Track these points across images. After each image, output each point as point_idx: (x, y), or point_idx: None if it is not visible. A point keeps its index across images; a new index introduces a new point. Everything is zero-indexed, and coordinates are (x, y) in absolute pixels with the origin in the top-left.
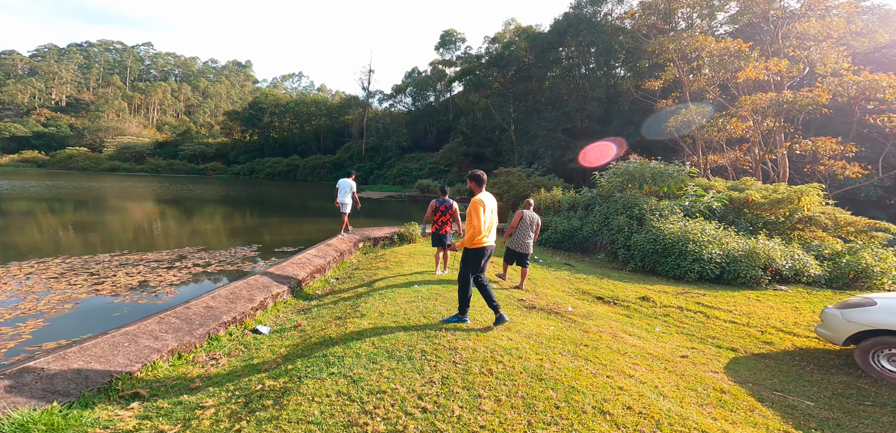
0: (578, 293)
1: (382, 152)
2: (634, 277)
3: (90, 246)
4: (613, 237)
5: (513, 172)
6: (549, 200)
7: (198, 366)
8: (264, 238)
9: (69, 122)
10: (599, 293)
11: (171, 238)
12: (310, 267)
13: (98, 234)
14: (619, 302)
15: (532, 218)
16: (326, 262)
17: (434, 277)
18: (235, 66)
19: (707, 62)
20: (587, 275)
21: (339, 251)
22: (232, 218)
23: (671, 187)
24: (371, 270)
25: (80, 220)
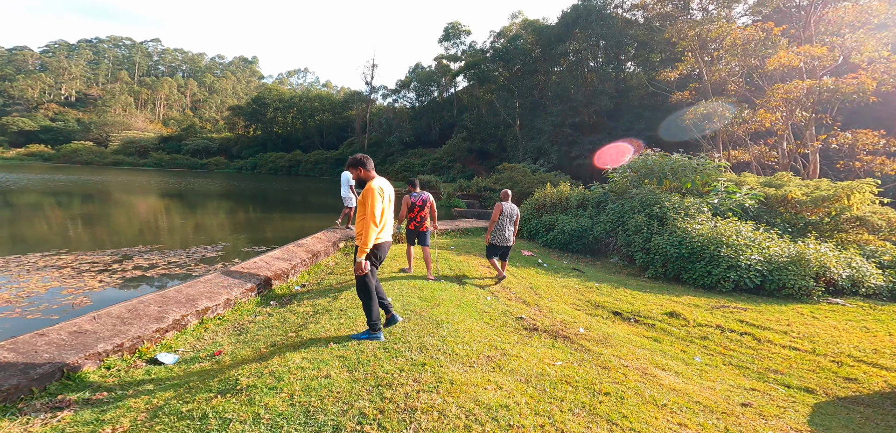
0: (590, 306)
1: (385, 148)
2: (655, 286)
3: (27, 243)
4: (630, 239)
5: (517, 168)
6: (556, 197)
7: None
8: (244, 235)
9: (77, 116)
10: (616, 307)
11: (133, 235)
12: (267, 272)
13: (50, 231)
14: (641, 319)
15: (512, 210)
16: (291, 266)
17: (420, 283)
18: (242, 62)
19: (729, 50)
20: (600, 284)
21: (311, 252)
22: (219, 213)
23: (696, 183)
24: (345, 275)
25: (44, 215)
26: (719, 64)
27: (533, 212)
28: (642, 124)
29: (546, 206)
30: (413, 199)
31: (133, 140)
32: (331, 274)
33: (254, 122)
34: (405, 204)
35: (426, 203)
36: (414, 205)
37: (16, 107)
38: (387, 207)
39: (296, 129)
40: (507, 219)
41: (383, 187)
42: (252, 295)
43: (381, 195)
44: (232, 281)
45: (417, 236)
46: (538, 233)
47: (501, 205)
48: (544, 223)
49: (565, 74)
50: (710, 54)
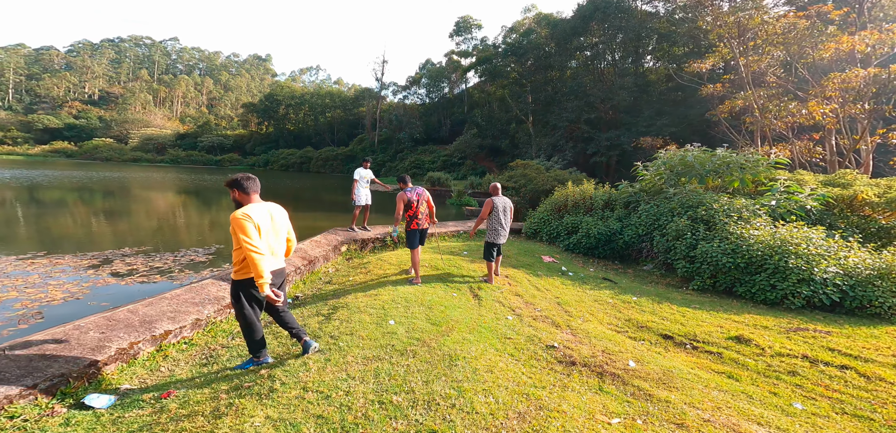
0: (633, 327)
1: (395, 144)
2: (704, 300)
3: (4, 244)
4: (669, 245)
5: (531, 165)
6: (579, 196)
7: None
8: None
9: (99, 114)
10: (664, 328)
11: (122, 235)
12: None
13: (35, 230)
14: (700, 345)
15: (505, 204)
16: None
17: (429, 298)
18: (256, 60)
19: (770, 39)
20: (638, 298)
21: (307, 258)
22: (222, 212)
23: (745, 182)
24: (342, 287)
25: (37, 213)
26: (757, 53)
27: (553, 212)
28: (664, 120)
29: (568, 207)
30: (408, 194)
31: (151, 137)
32: (328, 282)
33: (266, 119)
34: (401, 201)
35: (423, 198)
36: (410, 202)
37: (42, 105)
38: (271, 233)
39: (307, 125)
40: (501, 213)
41: (254, 213)
42: (231, 312)
43: (250, 223)
44: (207, 294)
45: (419, 236)
46: (559, 237)
47: (492, 200)
48: (566, 225)
49: (581, 69)
50: (746, 44)
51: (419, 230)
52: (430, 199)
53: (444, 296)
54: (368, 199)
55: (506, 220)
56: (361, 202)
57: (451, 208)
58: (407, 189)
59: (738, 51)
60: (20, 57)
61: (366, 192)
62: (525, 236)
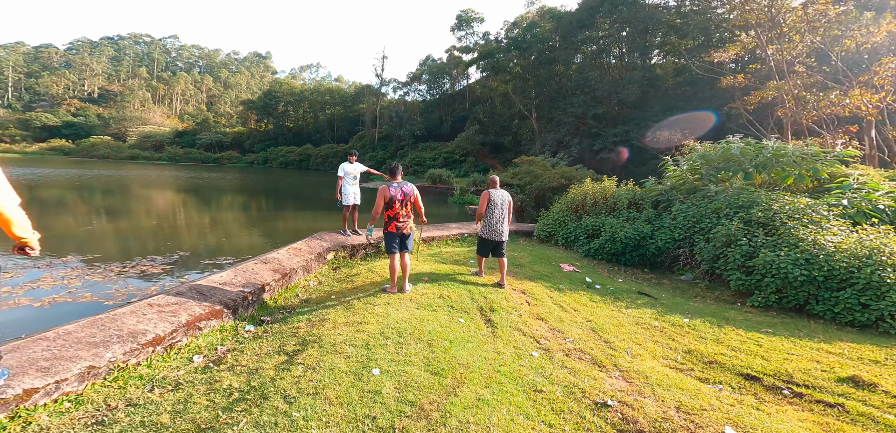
0: (698, 362)
1: (396, 141)
2: (773, 320)
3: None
4: (717, 251)
5: (536, 162)
6: (600, 194)
7: None
8: (221, 240)
9: (97, 112)
10: (742, 363)
11: (78, 241)
12: (191, 311)
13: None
14: (803, 390)
15: (503, 197)
16: (240, 296)
17: (429, 327)
18: (256, 58)
19: (799, 26)
20: (690, 319)
21: (280, 271)
22: (205, 212)
23: (803, 177)
24: (321, 307)
25: None
26: (785, 41)
27: (569, 213)
28: (675, 115)
29: (586, 206)
30: (391, 191)
31: (149, 134)
32: (306, 301)
33: (265, 116)
34: (380, 196)
35: (409, 197)
36: (392, 199)
37: (41, 102)
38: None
39: (307, 123)
40: (498, 208)
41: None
42: (154, 351)
43: None
44: (118, 329)
45: (400, 241)
46: (577, 241)
47: (489, 193)
48: (585, 228)
49: (587, 63)
50: (776, 30)
51: (399, 234)
52: (418, 199)
53: (447, 323)
54: (357, 197)
55: (505, 217)
56: (349, 201)
57: (454, 207)
58: (392, 184)
59: (765, 39)
60: (19, 55)
61: (354, 189)
62: (538, 239)
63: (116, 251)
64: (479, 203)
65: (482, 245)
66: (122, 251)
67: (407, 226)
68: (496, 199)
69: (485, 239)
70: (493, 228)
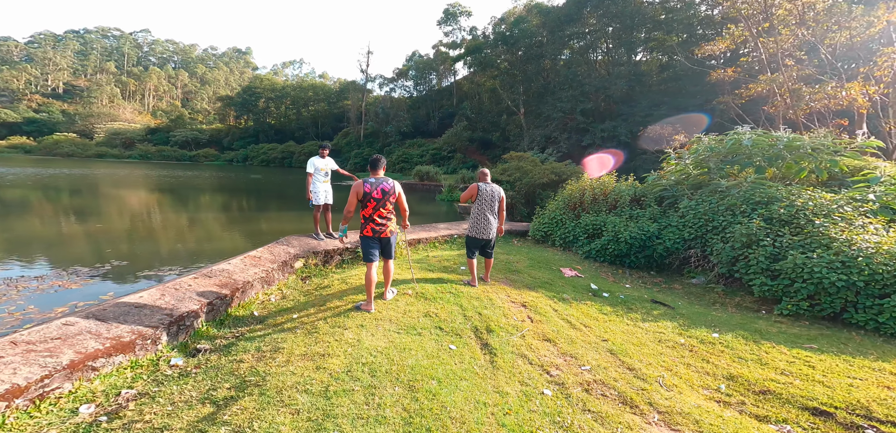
0: (748, 393)
1: (382, 138)
2: (808, 332)
3: None
4: (736, 254)
5: (526, 157)
6: (599, 191)
7: None
8: (178, 244)
9: (62, 108)
10: (802, 393)
11: (10, 245)
12: (78, 347)
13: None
14: (889, 429)
15: (492, 192)
16: (165, 321)
17: (413, 358)
18: (235, 53)
19: (786, 20)
20: (720, 334)
21: (228, 285)
22: (167, 212)
23: (820, 170)
24: (276, 332)
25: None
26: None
27: (566, 211)
28: (663, 110)
29: (585, 204)
30: (366, 186)
31: (119, 132)
32: (260, 322)
33: (245, 112)
34: (353, 194)
35: (388, 195)
36: (367, 197)
37: (1, 98)
38: None
39: (289, 119)
40: (487, 204)
41: None
42: (8, 407)
43: None
44: None
45: (379, 247)
46: (577, 241)
47: (477, 186)
48: (585, 227)
49: (575, 59)
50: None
51: (377, 239)
52: (401, 197)
53: (435, 352)
54: (329, 196)
55: (494, 212)
56: (320, 200)
57: (442, 205)
58: (368, 179)
59: (756, 32)
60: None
61: (326, 187)
62: (533, 240)
63: (44, 258)
64: (464, 193)
65: (470, 245)
66: (54, 259)
67: (386, 230)
68: (485, 192)
69: (473, 237)
70: (480, 226)
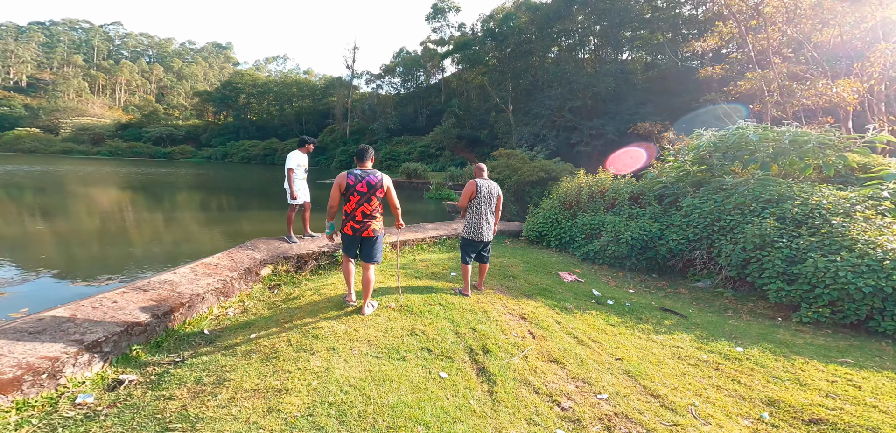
0: (789, 418)
1: (368, 135)
2: (836, 342)
3: None
4: (747, 255)
5: (515, 154)
6: (596, 188)
7: None
8: (121, 248)
9: (24, 102)
10: (857, 421)
11: None
12: None
13: None
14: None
15: (490, 189)
16: (69, 353)
17: (384, 408)
18: (215, 48)
19: (773, 18)
20: (745, 347)
21: (173, 301)
22: (123, 213)
23: (829, 166)
24: (227, 355)
25: None
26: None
27: (562, 210)
28: (649, 108)
29: (581, 202)
30: (350, 178)
31: (87, 127)
32: (211, 341)
33: (224, 108)
34: (336, 187)
35: (374, 189)
36: (350, 190)
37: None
38: None
39: (272, 116)
40: (486, 203)
41: None
42: None
43: None
44: None
45: (360, 246)
46: (574, 242)
47: (475, 182)
48: (582, 227)
49: (563, 55)
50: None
51: (357, 238)
52: (391, 191)
53: (422, 383)
54: (307, 194)
55: (493, 211)
56: (302, 199)
57: (430, 204)
58: (353, 170)
59: (744, 29)
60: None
61: (305, 185)
62: (527, 241)
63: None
64: (462, 193)
65: (466, 248)
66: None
67: (370, 228)
68: (483, 189)
69: (469, 240)
70: (479, 227)
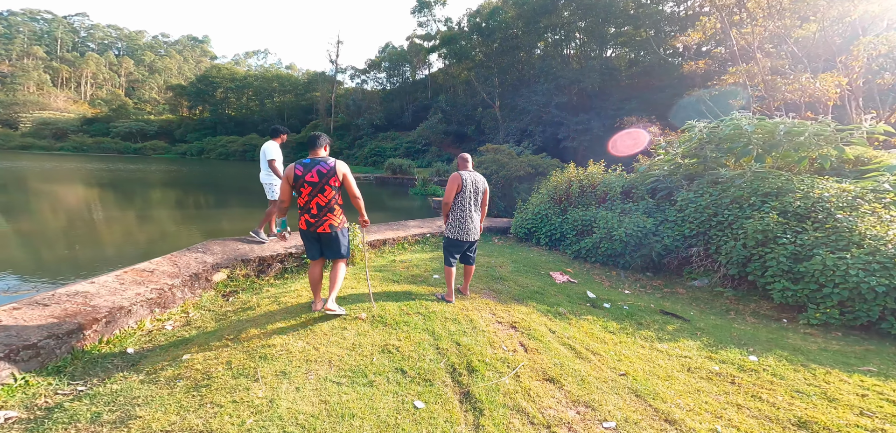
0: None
1: (353, 131)
2: (850, 346)
3: None
4: (748, 253)
5: (502, 150)
6: (587, 182)
7: None
8: (55, 250)
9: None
10: None
11: None
12: None
13: None
14: None
15: (476, 182)
16: None
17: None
18: (190, 41)
19: (755, 14)
20: (760, 356)
21: (84, 317)
22: (63, 213)
23: (821, 158)
24: (151, 379)
25: None
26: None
27: (551, 205)
28: (633, 104)
29: (572, 196)
30: (298, 169)
31: (48, 121)
32: (133, 364)
33: (200, 103)
34: (285, 180)
35: (326, 178)
36: (300, 181)
37: None
38: None
39: (252, 111)
40: (472, 198)
41: None
42: None
43: None
44: None
45: (318, 244)
46: (565, 239)
47: (459, 175)
48: (573, 223)
49: (550, 50)
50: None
51: (314, 234)
52: (348, 178)
53: (391, 417)
54: (275, 189)
55: (478, 207)
56: (273, 195)
57: (415, 200)
58: (301, 160)
59: (729, 23)
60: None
61: (273, 180)
62: (515, 238)
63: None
64: (446, 189)
65: (450, 249)
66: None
67: (327, 223)
68: (468, 182)
69: (453, 240)
70: (464, 225)
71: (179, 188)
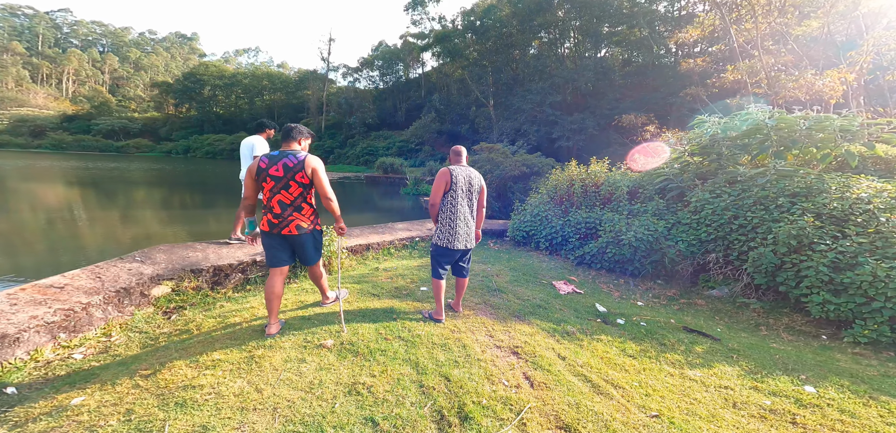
0: None
1: (345, 129)
2: None
3: None
4: (779, 260)
5: (496, 149)
6: (589, 182)
7: None
8: None
9: None
10: None
11: None
12: None
13: None
14: None
15: (470, 179)
16: None
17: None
18: (178, 38)
19: (756, 10)
20: (818, 387)
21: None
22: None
23: (848, 155)
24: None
25: None
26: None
27: (552, 206)
28: (627, 103)
29: (574, 197)
30: (262, 162)
31: (26, 118)
32: (7, 409)
33: (187, 100)
34: (248, 176)
35: (292, 172)
36: (263, 174)
37: None
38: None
39: (241, 109)
40: (464, 197)
41: None
42: None
43: None
44: None
45: (286, 250)
46: (567, 243)
47: (448, 171)
48: (575, 225)
49: (545, 49)
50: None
51: (277, 236)
52: (319, 174)
53: None
54: None
55: (472, 209)
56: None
57: (407, 200)
58: (268, 153)
59: (729, 20)
60: None
61: None
62: (513, 241)
63: None
64: (433, 186)
65: (438, 259)
66: None
67: (293, 224)
68: (460, 179)
69: (442, 249)
70: (454, 230)
71: (158, 187)
